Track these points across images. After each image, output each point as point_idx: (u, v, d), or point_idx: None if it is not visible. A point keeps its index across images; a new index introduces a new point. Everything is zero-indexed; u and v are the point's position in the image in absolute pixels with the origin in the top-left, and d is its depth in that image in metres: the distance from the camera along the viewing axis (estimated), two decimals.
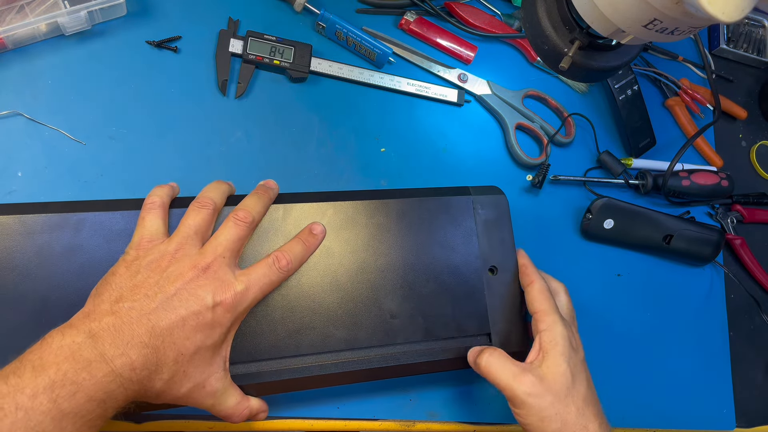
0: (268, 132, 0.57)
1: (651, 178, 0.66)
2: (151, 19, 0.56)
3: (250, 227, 0.45)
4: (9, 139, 0.50)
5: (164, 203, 0.44)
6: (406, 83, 0.62)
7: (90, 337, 0.36)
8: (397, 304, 0.49)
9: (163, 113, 0.54)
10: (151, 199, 0.44)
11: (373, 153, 0.60)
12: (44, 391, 0.33)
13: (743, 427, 0.66)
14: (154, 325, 0.38)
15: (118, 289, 0.39)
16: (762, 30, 0.81)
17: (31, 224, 0.43)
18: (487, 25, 0.66)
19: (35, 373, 0.33)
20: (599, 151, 0.67)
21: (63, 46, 0.53)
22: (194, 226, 0.43)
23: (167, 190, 0.45)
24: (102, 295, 0.39)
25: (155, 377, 0.38)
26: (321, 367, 0.46)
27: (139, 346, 0.37)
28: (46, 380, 0.33)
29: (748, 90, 0.79)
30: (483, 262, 0.52)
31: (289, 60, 0.57)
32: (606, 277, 0.65)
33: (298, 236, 0.47)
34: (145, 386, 0.37)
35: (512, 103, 0.65)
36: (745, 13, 0.32)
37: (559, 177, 0.64)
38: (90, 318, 0.37)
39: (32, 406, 0.32)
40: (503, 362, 0.46)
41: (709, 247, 0.66)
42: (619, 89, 0.68)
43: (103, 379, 0.35)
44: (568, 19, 0.43)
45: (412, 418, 0.54)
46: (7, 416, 0.32)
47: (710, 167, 0.72)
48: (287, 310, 0.46)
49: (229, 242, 0.43)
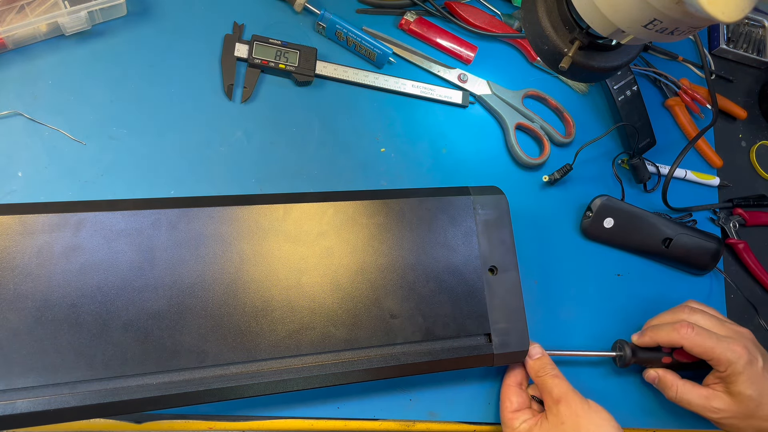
0: (269, 132, 0.57)
1: (629, 349, 0.58)
2: (151, 19, 0.56)
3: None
4: (9, 139, 0.50)
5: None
6: (411, 85, 0.62)
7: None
8: (397, 304, 0.49)
9: (163, 113, 0.54)
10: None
11: (373, 153, 0.60)
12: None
13: None
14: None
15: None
16: (762, 30, 0.81)
17: (31, 224, 0.43)
18: (487, 25, 0.66)
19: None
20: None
21: (63, 46, 0.53)
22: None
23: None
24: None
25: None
26: (321, 367, 0.46)
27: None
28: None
29: (748, 90, 0.79)
30: (483, 262, 0.52)
31: (294, 64, 0.57)
32: (606, 277, 0.65)
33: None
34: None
35: (512, 103, 0.65)
36: (745, 13, 0.32)
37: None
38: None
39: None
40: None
41: (707, 256, 0.66)
42: (618, 90, 0.68)
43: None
44: (568, 19, 0.43)
45: (412, 418, 0.54)
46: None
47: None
48: (287, 310, 0.46)
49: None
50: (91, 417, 0.42)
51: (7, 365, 0.41)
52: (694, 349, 0.54)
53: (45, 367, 0.41)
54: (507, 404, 0.53)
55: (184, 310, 0.45)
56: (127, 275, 0.44)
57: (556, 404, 0.50)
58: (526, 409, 0.53)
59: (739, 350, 0.53)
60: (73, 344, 0.42)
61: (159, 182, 0.53)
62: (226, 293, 0.46)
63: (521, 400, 0.53)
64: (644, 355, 0.58)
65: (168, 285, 0.45)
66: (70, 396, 0.41)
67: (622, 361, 0.58)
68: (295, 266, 0.48)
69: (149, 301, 0.44)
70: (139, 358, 0.43)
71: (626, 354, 0.58)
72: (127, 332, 0.43)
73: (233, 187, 0.54)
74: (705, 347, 0.54)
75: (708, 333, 0.55)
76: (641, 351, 0.58)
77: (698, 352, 0.54)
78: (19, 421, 0.41)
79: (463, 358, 0.50)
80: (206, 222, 0.47)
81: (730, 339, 0.54)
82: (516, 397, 0.53)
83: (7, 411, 0.40)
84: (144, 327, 0.44)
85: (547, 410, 0.51)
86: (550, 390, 0.51)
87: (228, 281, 0.46)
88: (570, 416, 0.49)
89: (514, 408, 0.53)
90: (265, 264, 0.47)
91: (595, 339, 0.61)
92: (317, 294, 0.47)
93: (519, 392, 0.54)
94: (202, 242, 0.46)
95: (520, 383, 0.55)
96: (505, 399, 0.54)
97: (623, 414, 0.60)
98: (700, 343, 0.54)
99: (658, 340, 0.57)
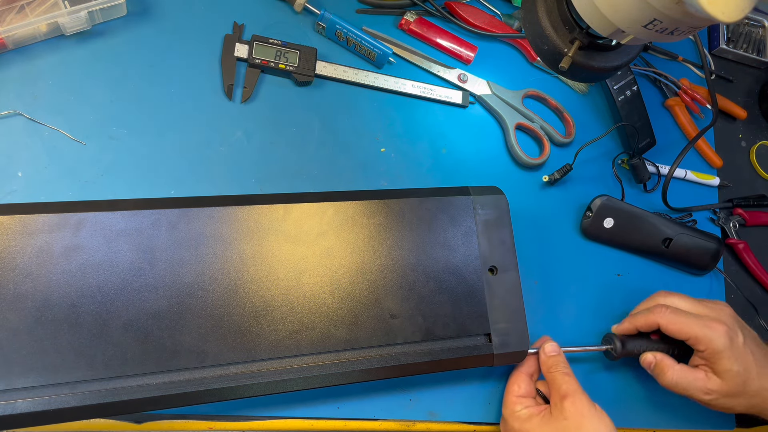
0: (269, 132, 0.57)
1: (619, 341, 0.57)
2: (151, 19, 0.56)
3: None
4: (9, 139, 0.50)
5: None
6: (411, 85, 0.62)
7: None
8: (397, 304, 0.49)
9: (163, 113, 0.54)
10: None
11: (373, 153, 0.60)
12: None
13: (743, 428, 0.66)
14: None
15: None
16: (762, 30, 0.81)
17: (31, 224, 0.43)
18: (487, 25, 0.66)
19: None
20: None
21: (63, 46, 0.53)
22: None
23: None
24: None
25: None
26: (321, 367, 0.46)
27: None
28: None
29: (748, 90, 0.79)
30: (483, 262, 0.52)
31: (294, 64, 0.57)
32: (606, 277, 0.65)
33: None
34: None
35: (512, 103, 0.65)
36: (745, 13, 0.32)
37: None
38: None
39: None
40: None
41: (707, 256, 0.66)
42: (618, 90, 0.68)
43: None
44: (568, 19, 0.43)
45: (412, 418, 0.54)
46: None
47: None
48: (287, 310, 0.46)
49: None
50: (91, 417, 0.42)
51: (7, 365, 0.41)
52: (671, 329, 0.54)
53: (45, 367, 0.41)
54: (514, 388, 0.53)
55: (184, 310, 0.45)
56: (127, 275, 0.44)
57: (562, 400, 0.50)
58: (530, 398, 0.53)
59: (717, 327, 0.53)
60: (73, 344, 0.42)
61: (159, 182, 0.53)
62: (226, 293, 0.46)
63: (528, 389, 0.54)
64: (634, 346, 0.57)
65: (168, 285, 0.45)
66: (70, 396, 0.41)
67: (613, 354, 0.58)
68: (295, 266, 0.48)
69: (149, 301, 0.44)
70: (139, 358, 0.43)
71: (616, 346, 0.57)
72: (127, 332, 0.43)
73: (233, 187, 0.55)
74: (681, 326, 0.53)
75: (684, 313, 0.54)
76: (631, 342, 0.57)
77: (675, 331, 0.54)
78: (19, 421, 0.41)
79: (463, 358, 0.50)
80: (206, 222, 0.47)
81: (707, 317, 0.54)
82: (525, 384, 0.54)
83: (7, 411, 0.40)
84: (144, 327, 0.44)
85: (553, 406, 0.51)
86: (559, 386, 0.51)
87: (228, 281, 0.46)
88: (574, 414, 0.49)
89: (520, 393, 0.53)
90: (265, 264, 0.47)
91: (596, 339, 0.61)
92: (317, 294, 0.47)
93: (528, 381, 0.54)
94: (202, 242, 0.46)
95: (531, 374, 0.55)
96: (512, 383, 0.54)
97: (618, 411, 0.61)
98: (676, 322, 0.54)
99: (636, 325, 0.57)
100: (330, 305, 0.47)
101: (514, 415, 0.52)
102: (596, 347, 0.58)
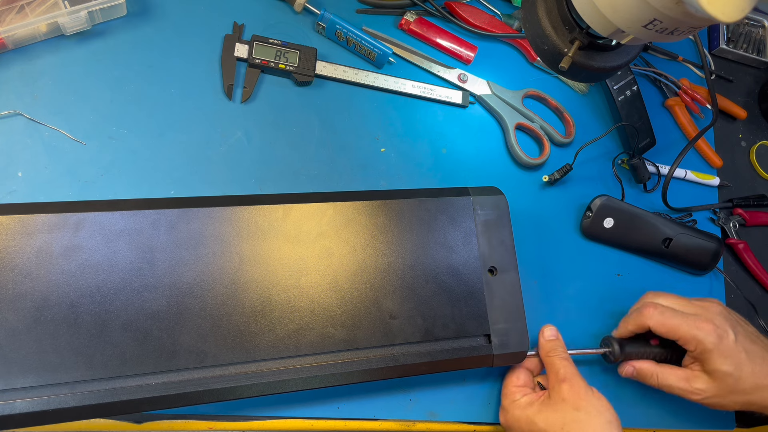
0: (269, 132, 0.57)
1: (617, 344, 0.57)
2: (151, 19, 0.56)
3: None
4: (9, 139, 0.50)
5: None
6: (411, 86, 0.62)
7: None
8: (396, 305, 0.49)
9: (163, 113, 0.54)
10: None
11: (373, 153, 0.60)
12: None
13: (743, 428, 0.66)
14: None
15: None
16: (762, 30, 0.81)
17: (31, 224, 0.43)
18: (487, 25, 0.66)
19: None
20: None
21: (63, 46, 0.53)
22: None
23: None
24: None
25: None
26: (320, 368, 0.46)
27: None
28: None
29: (748, 90, 0.79)
30: (482, 263, 0.52)
31: (294, 64, 0.57)
32: (606, 277, 0.65)
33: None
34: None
35: (512, 103, 0.65)
36: (745, 13, 0.32)
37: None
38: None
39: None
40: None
41: (707, 256, 0.66)
42: (618, 90, 0.68)
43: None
44: (568, 19, 0.43)
45: (412, 418, 0.54)
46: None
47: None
48: (287, 310, 0.46)
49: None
50: (90, 417, 0.42)
51: (6, 365, 0.41)
52: (660, 329, 0.54)
53: (44, 367, 0.41)
54: (513, 379, 0.54)
55: (183, 311, 0.45)
56: (127, 275, 0.44)
57: (560, 383, 0.51)
58: (529, 388, 0.54)
59: (705, 327, 0.52)
60: (72, 344, 0.42)
61: (159, 182, 0.53)
62: (225, 293, 0.46)
63: (528, 380, 0.54)
64: (633, 348, 0.57)
65: (167, 285, 0.45)
66: (70, 396, 0.41)
67: (611, 357, 0.57)
68: (294, 266, 0.48)
69: (149, 301, 0.44)
70: (139, 358, 0.43)
71: (615, 349, 0.57)
72: (126, 332, 0.43)
73: (233, 187, 0.55)
74: (670, 326, 0.53)
75: (673, 312, 0.54)
76: (629, 345, 0.57)
77: (664, 331, 0.54)
78: (19, 421, 0.41)
79: (463, 358, 0.50)
80: (206, 222, 0.47)
81: (697, 316, 0.54)
82: (524, 375, 0.54)
83: (6, 411, 0.40)
84: (143, 327, 0.44)
85: (551, 389, 0.51)
86: (557, 370, 0.52)
87: (227, 281, 0.46)
88: (571, 396, 0.50)
89: (520, 383, 0.54)
90: (265, 264, 0.47)
91: (596, 339, 0.61)
92: (317, 294, 0.47)
93: (528, 374, 0.55)
94: (202, 242, 0.46)
95: (531, 369, 0.56)
96: (512, 375, 0.54)
97: (618, 411, 0.60)
98: (664, 322, 0.53)
99: (628, 327, 0.57)
100: (329, 305, 0.47)
101: (515, 403, 0.52)
102: (594, 350, 0.58)
